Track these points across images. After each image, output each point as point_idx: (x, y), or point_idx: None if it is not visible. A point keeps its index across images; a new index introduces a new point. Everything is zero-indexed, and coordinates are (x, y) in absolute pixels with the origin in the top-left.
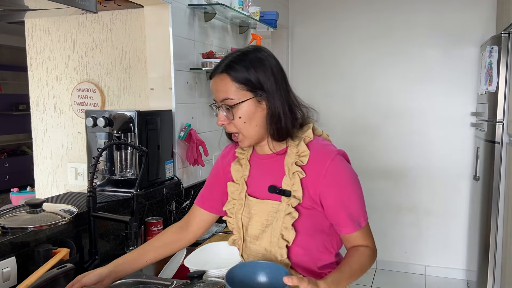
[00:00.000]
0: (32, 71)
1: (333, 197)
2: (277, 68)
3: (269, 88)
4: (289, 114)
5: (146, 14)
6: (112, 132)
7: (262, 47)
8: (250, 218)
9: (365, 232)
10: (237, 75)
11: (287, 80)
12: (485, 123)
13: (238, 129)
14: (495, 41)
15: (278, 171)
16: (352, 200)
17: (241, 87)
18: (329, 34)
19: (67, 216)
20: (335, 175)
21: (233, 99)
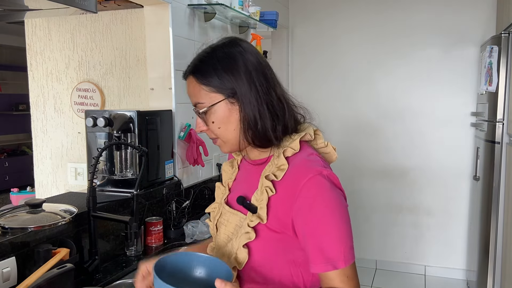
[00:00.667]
0: (32, 71)
1: (304, 225)
2: (254, 65)
3: (240, 88)
4: (270, 117)
5: (146, 14)
6: (112, 132)
7: (238, 40)
8: (219, 227)
9: (344, 276)
10: (203, 76)
11: (272, 78)
12: (485, 123)
13: (216, 135)
14: (495, 41)
15: (255, 182)
16: (328, 233)
17: (210, 89)
18: (329, 34)
19: (67, 216)
20: (309, 198)
21: (203, 103)
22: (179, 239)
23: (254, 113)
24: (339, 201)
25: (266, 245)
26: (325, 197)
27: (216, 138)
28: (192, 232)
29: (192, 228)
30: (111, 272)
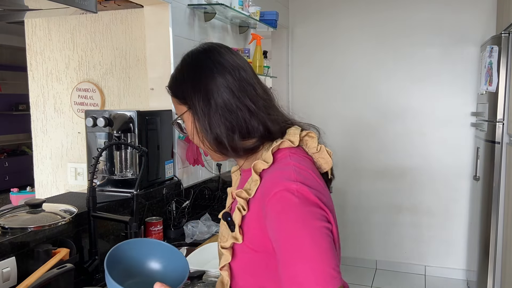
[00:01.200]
0: (32, 71)
1: (276, 246)
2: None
3: (192, 99)
4: (224, 128)
5: (146, 14)
6: (112, 132)
7: (210, 46)
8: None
9: None
10: (171, 87)
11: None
12: (485, 123)
13: (198, 144)
14: (495, 41)
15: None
16: (296, 256)
17: (177, 100)
18: (329, 34)
19: (67, 216)
20: (275, 217)
21: (176, 114)
22: (179, 239)
23: (204, 125)
24: (308, 220)
25: (247, 266)
26: (290, 215)
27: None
28: (192, 232)
29: (192, 228)
30: None
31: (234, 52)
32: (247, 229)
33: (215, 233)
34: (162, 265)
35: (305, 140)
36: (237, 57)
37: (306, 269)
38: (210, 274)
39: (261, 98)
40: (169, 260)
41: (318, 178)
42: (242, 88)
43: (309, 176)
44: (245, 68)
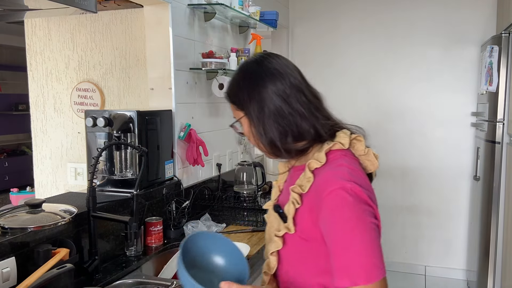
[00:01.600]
0: (32, 71)
1: (327, 238)
2: (267, 84)
3: (248, 107)
4: (277, 131)
5: (146, 14)
6: (112, 132)
7: (262, 56)
8: (267, 225)
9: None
10: (229, 95)
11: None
12: (486, 123)
13: (254, 144)
14: (495, 41)
15: (290, 185)
16: (348, 248)
17: (234, 107)
18: (329, 34)
19: (66, 216)
20: (329, 212)
21: (234, 118)
22: (179, 239)
23: (259, 129)
24: (361, 217)
25: (295, 253)
26: (345, 212)
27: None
28: (192, 232)
29: (192, 228)
30: (111, 272)
31: (284, 59)
32: (300, 221)
33: None
34: (224, 261)
35: (353, 143)
36: (286, 64)
37: (356, 261)
38: None
39: (311, 102)
40: (231, 258)
41: (366, 178)
42: (292, 94)
43: (360, 176)
44: (294, 75)
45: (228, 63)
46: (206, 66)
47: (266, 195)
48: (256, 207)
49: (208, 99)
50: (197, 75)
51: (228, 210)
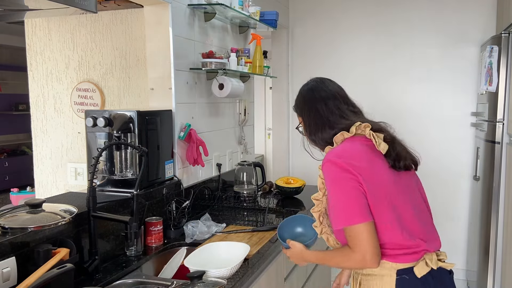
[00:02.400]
0: (32, 71)
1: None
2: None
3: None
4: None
5: (146, 14)
6: (112, 132)
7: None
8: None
9: (348, 234)
10: (296, 107)
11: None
12: (485, 123)
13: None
14: (495, 41)
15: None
16: (332, 202)
17: (297, 115)
18: (329, 34)
19: (67, 216)
20: (325, 176)
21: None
22: (179, 239)
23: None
24: (340, 180)
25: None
26: (329, 178)
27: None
28: (192, 232)
29: (192, 228)
30: (111, 272)
31: (329, 83)
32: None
33: (215, 233)
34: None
35: (362, 130)
36: (331, 87)
37: (339, 211)
38: (210, 274)
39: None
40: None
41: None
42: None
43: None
44: (335, 97)
45: (228, 63)
46: (206, 66)
47: (266, 195)
48: (256, 207)
49: (208, 99)
50: (197, 75)
51: (228, 210)
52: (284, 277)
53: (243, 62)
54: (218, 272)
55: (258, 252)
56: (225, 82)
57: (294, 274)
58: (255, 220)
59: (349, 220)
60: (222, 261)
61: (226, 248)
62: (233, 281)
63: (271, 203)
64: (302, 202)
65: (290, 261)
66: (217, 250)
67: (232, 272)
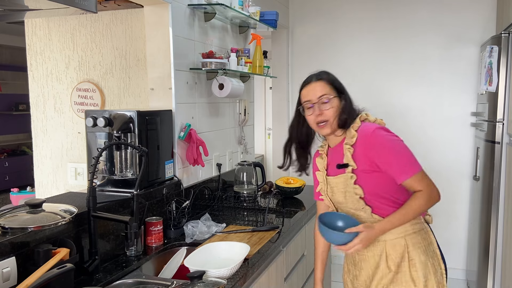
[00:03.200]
0: (32, 71)
1: (382, 157)
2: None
3: (344, 92)
4: (353, 111)
5: (146, 14)
6: (112, 132)
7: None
8: (332, 191)
9: (417, 179)
10: (329, 79)
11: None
12: (485, 123)
13: (327, 118)
14: (495, 41)
15: (340, 155)
16: (396, 156)
17: (332, 88)
18: (329, 34)
19: (67, 216)
20: (377, 142)
21: (325, 94)
22: (179, 239)
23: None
24: (393, 137)
25: (367, 181)
26: (386, 138)
27: (326, 121)
28: (192, 232)
29: (192, 228)
30: (111, 272)
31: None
32: (357, 161)
33: (215, 233)
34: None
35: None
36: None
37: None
38: (210, 274)
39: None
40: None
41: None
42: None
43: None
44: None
45: (228, 63)
46: (206, 66)
47: (266, 195)
48: (256, 207)
49: (208, 99)
50: (197, 75)
51: (228, 210)
52: (284, 277)
53: (243, 62)
54: (218, 272)
55: (258, 252)
56: (225, 82)
57: (294, 274)
58: (255, 220)
59: (417, 168)
60: (222, 261)
61: (226, 248)
62: (233, 281)
63: (271, 203)
64: (302, 202)
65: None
66: (217, 250)
67: (232, 272)
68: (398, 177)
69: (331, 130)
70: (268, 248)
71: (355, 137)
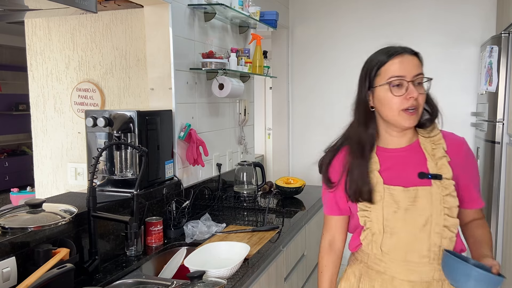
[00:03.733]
0: (32, 71)
1: (468, 176)
2: None
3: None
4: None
5: (146, 14)
6: (112, 132)
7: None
8: (398, 207)
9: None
10: (421, 59)
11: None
12: (485, 123)
13: (419, 104)
14: (495, 41)
15: (415, 160)
16: (478, 177)
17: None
18: (329, 33)
19: (67, 216)
20: (469, 158)
21: (422, 74)
22: (179, 239)
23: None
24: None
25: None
26: (475, 157)
27: (414, 108)
28: (192, 232)
29: (192, 228)
30: (111, 272)
31: None
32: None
33: (215, 233)
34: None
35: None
36: None
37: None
38: (210, 274)
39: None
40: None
41: None
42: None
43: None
44: None
45: (228, 63)
46: (206, 66)
47: (266, 195)
48: (256, 207)
49: (208, 99)
50: (197, 75)
51: (228, 210)
52: (284, 277)
53: (243, 62)
54: (218, 272)
55: (258, 252)
56: (225, 82)
57: (294, 274)
58: (255, 220)
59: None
60: (222, 261)
61: (226, 248)
62: (233, 281)
63: (271, 203)
64: (302, 202)
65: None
66: (217, 250)
67: (232, 272)
68: (475, 202)
69: (416, 122)
70: (268, 248)
71: (445, 143)
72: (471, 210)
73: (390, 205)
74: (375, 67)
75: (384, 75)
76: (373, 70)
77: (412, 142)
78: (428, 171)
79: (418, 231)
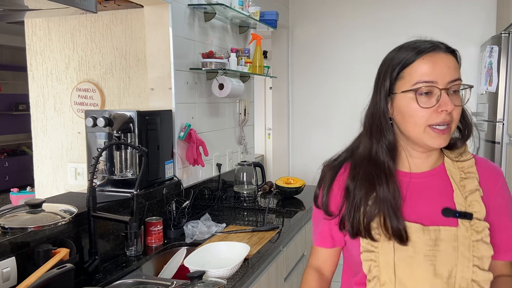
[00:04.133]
0: (32, 71)
1: (503, 217)
2: None
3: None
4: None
5: (146, 14)
6: (112, 132)
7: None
8: (414, 251)
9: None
10: (458, 59)
11: None
12: (485, 123)
13: (454, 119)
14: (495, 41)
15: (439, 190)
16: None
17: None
18: (329, 34)
19: (67, 216)
20: (506, 194)
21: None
22: (179, 239)
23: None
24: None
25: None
26: (509, 191)
27: (449, 125)
28: (192, 232)
29: (192, 228)
30: (111, 272)
31: None
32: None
33: (215, 233)
34: None
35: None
36: None
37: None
38: (210, 274)
39: None
40: None
41: None
42: None
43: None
44: None
45: (228, 63)
46: (206, 66)
47: (266, 195)
48: (256, 207)
49: (208, 99)
50: (197, 75)
51: (228, 210)
52: (284, 277)
53: (243, 62)
54: (218, 272)
55: (258, 252)
56: (225, 82)
57: (294, 274)
58: (255, 220)
59: None
60: (222, 261)
61: (226, 248)
62: (233, 281)
63: (271, 203)
64: (302, 202)
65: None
66: (217, 250)
67: (232, 272)
68: (507, 251)
69: (447, 142)
70: (268, 248)
71: (476, 172)
72: (501, 262)
73: (404, 247)
74: (397, 68)
75: (409, 78)
76: (394, 71)
77: (436, 166)
78: (455, 207)
79: (439, 286)
